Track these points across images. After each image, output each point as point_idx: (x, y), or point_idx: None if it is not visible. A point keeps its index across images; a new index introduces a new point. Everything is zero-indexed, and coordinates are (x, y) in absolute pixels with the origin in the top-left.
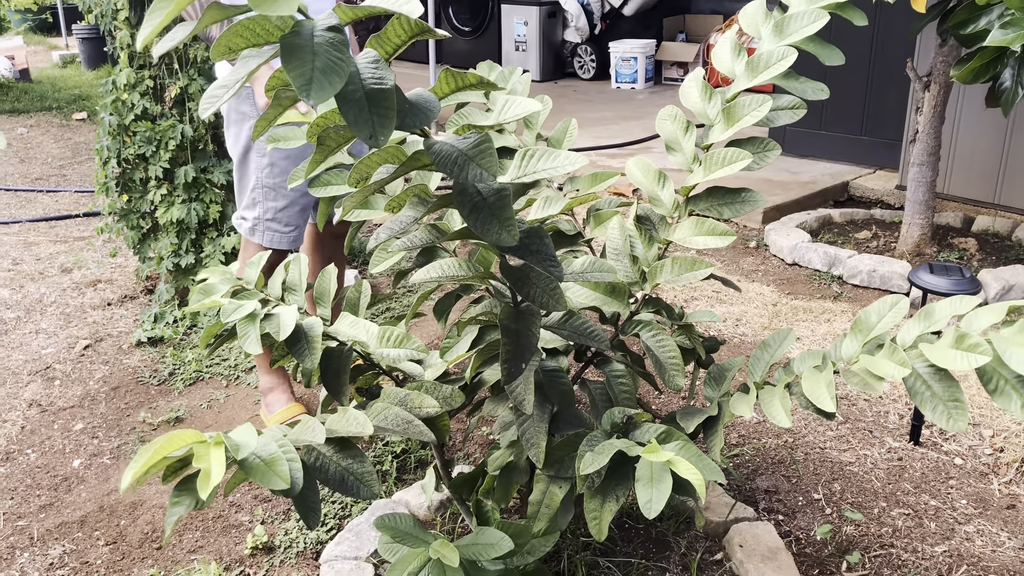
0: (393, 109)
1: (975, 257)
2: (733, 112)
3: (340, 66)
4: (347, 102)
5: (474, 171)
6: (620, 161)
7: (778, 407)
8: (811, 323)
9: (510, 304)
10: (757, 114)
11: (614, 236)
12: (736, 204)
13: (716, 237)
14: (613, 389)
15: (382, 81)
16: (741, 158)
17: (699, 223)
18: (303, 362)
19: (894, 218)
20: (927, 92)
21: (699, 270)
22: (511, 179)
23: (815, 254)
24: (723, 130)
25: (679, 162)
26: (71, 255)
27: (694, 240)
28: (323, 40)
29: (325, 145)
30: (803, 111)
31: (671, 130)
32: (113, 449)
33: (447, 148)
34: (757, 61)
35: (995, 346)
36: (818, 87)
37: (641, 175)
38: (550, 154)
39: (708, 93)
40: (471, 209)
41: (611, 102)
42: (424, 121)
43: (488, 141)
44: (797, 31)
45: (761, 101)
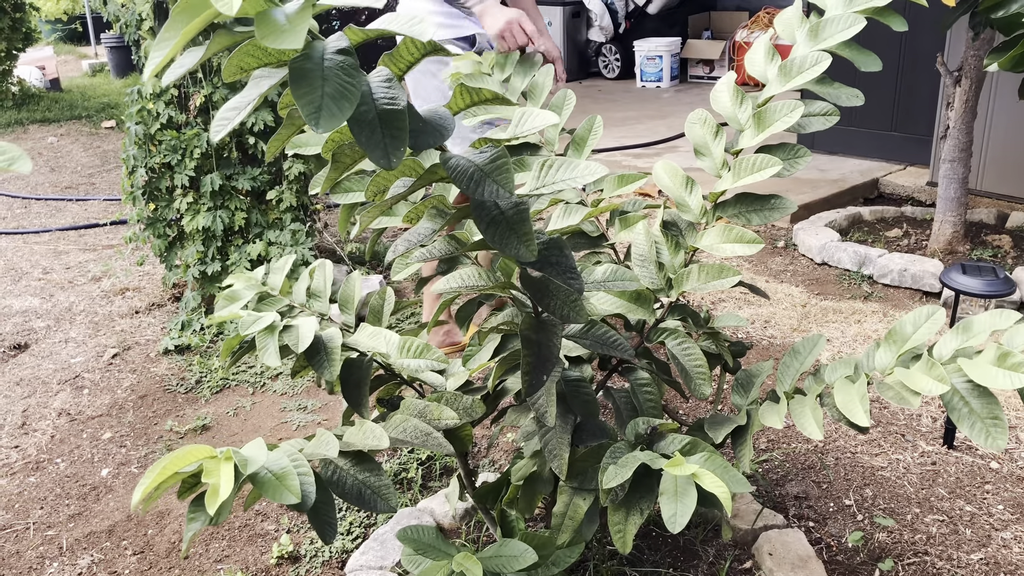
0: (406, 130)
1: (1009, 254)
2: (764, 117)
3: (351, 91)
4: (359, 124)
5: (490, 187)
6: (646, 161)
7: (809, 418)
8: (841, 324)
9: (531, 314)
10: (788, 120)
11: (640, 242)
12: (765, 211)
13: (744, 245)
14: (638, 397)
15: (394, 101)
16: (771, 165)
17: (727, 230)
18: (322, 374)
19: (925, 215)
20: (958, 87)
21: (727, 278)
22: (529, 190)
23: (845, 253)
24: (753, 135)
25: (708, 167)
26: (100, 263)
27: (722, 247)
28: (333, 64)
29: (340, 162)
30: (836, 118)
31: (700, 134)
32: (141, 458)
33: (464, 163)
34: (790, 66)
35: None
36: (852, 93)
37: (669, 179)
38: (569, 164)
39: (739, 97)
40: (489, 223)
41: (636, 101)
42: (438, 140)
43: (504, 157)
44: (832, 36)
45: (793, 107)
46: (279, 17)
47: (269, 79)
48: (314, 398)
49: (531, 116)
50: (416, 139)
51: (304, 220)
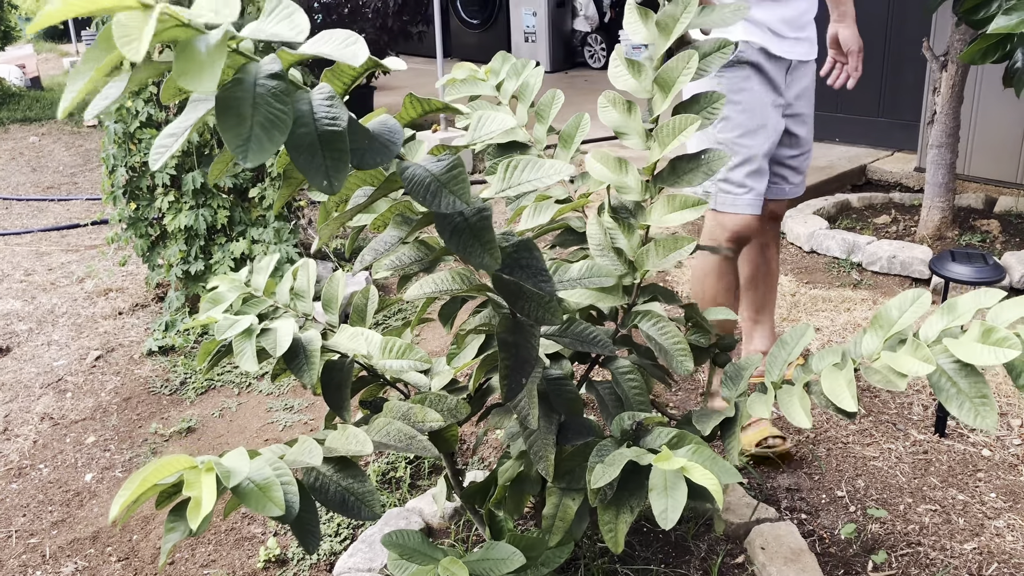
0: (347, 152)
1: (998, 239)
2: (665, 79)
3: (282, 119)
4: (297, 148)
5: (447, 199)
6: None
7: (797, 407)
8: (830, 313)
9: (508, 316)
10: (688, 71)
11: (594, 232)
12: (702, 168)
13: (690, 209)
14: (622, 387)
15: (335, 121)
16: (689, 123)
17: (670, 200)
18: (302, 378)
19: (914, 201)
20: (944, 72)
21: (683, 247)
22: (495, 192)
23: (833, 241)
24: (663, 100)
25: (633, 144)
26: (83, 264)
27: (670, 218)
28: (265, 91)
29: (292, 179)
30: (731, 47)
31: (614, 116)
32: (125, 462)
33: (420, 173)
34: (664, 19)
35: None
36: (733, 7)
37: (602, 167)
38: (535, 164)
39: (636, 68)
40: (452, 232)
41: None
42: (386, 158)
43: (460, 166)
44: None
45: (688, 57)
46: (200, 48)
47: (207, 103)
48: (300, 398)
49: (488, 120)
50: (361, 158)
51: (288, 217)
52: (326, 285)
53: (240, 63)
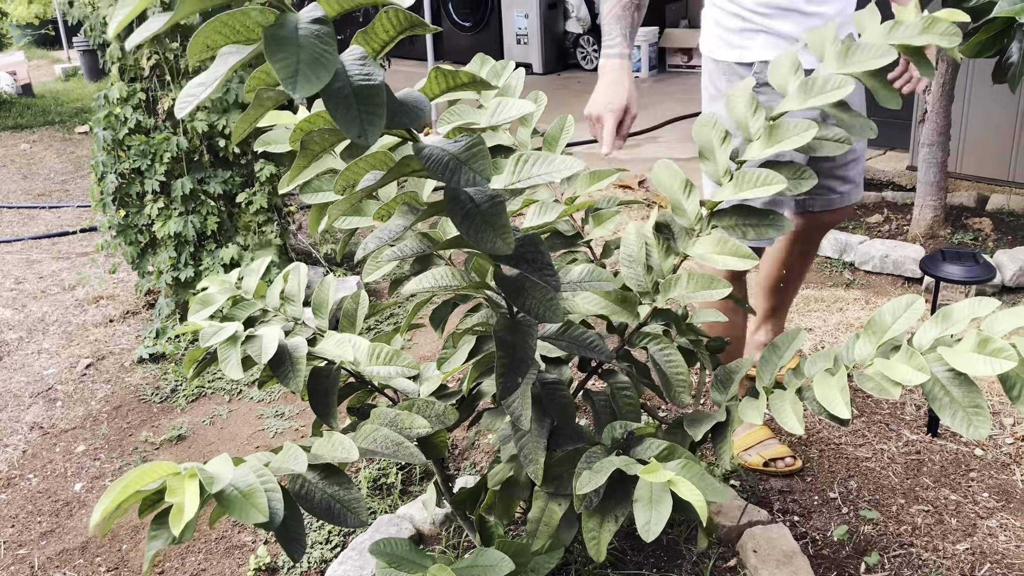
0: (383, 106)
1: (990, 237)
2: (776, 132)
3: (327, 59)
4: (334, 99)
5: (467, 175)
6: (626, 152)
7: (790, 413)
8: (823, 313)
9: (506, 315)
10: (800, 139)
11: (631, 242)
12: (762, 227)
13: (739, 259)
14: (617, 401)
15: (370, 77)
16: (776, 182)
17: (722, 241)
18: (287, 385)
19: (906, 200)
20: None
21: (716, 289)
22: (505, 185)
23: (825, 241)
24: (762, 147)
25: (710, 172)
26: (73, 272)
27: (714, 258)
28: (308, 32)
29: (309, 150)
30: (848, 145)
31: (708, 137)
32: (115, 471)
33: (438, 152)
34: (812, 83)
35: (1019, 350)
36: (867, 124)
37: (668, 180)
38: (545, 158)
39: (754, 106)
40: (464, 216)
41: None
42: (414, 120)
43: (481, 144)
44: (862, 62)
45: (807, 126)
46: None
47: (237, 55)
48: (291, 404)
49: (508, 106)
50: (392, 118)
51: (277, 222)
52: (316, 290)
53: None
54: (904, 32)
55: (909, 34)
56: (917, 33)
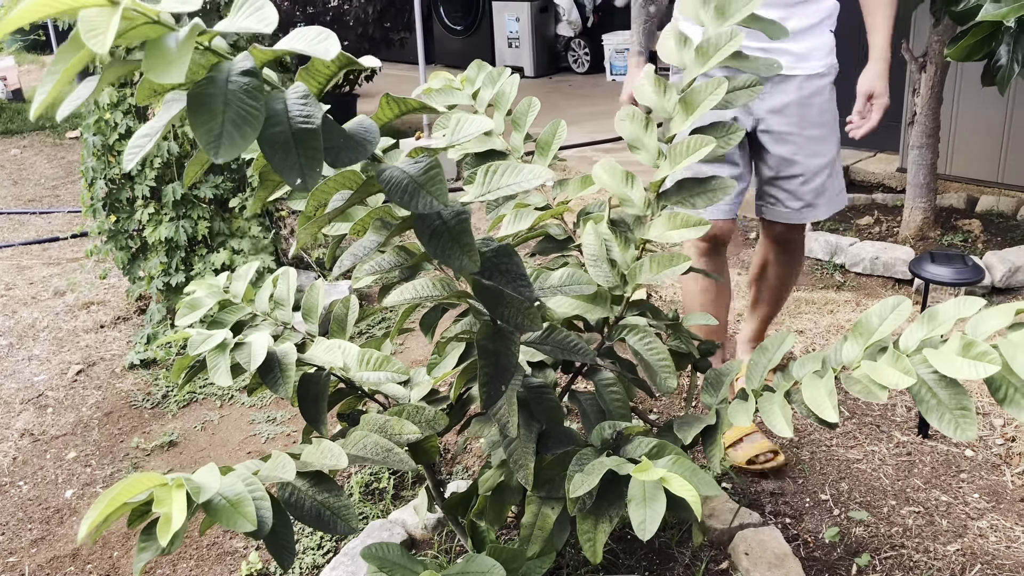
0: (320, 150)
1: (980, 239)
2: (690, 100)
3: (254, 115)
4: (271, 145)
5: (424, 199)
6: (617, 156)
7: (778, 416)
8: (814, 315)
9: (488, 323)
10: (714, 98)
11: (590, 241)
12: (707, 193)
13: (691, 228)
14: (604, 399)
15: (310, 120)
16: (705, 144)
17: (672, 217)
18: (276, 392)
19: (896, 202)
20: (923, 73)
21: (678, 265)
22: (474, 197)
23: (816, 243)
24: (683, 120)
25: (645, 159)
26: (64, 277)
27: (669, 235)
28: (238, 87)
29: (269, 181)
30: (761, 87)
31: (631, 129)
32: (106, 477)
33: (397, 175)
34: (706, 47)
35: (1003, 353)
36: (769, 63)
37: (608, 177)
38: (514, 169)
39: (662, 86)
40: (431, 235)
41: (606, 96)
42: (362, 155)
43: (437, 167)
44: (738, 11)
45: (717, 83)
46: (170, 44)
47: (180, 102)
48: (282, 410)
49: (466, 123)
50: (336, 156)
51: (269, 227)
52: (306, 294)
53: (213, 62)
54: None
55: None
56: None
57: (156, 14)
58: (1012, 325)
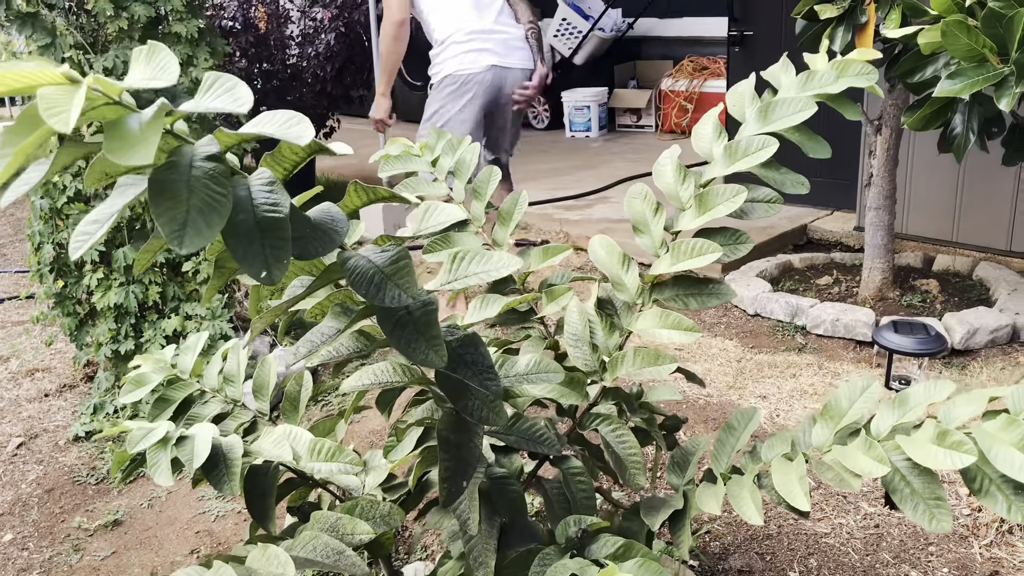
0: (288, 240)
1: (938, 299)
2: (706, 199)
3: (221, 203)
4: (235, 235)
5: (392, 292)
6: (577, 213)
7: (748, 502)
8: (776, 379)
9: (451, 412)
10: (731, 204)
11: (574, 320)
12: (703, 296)
13: (682, 332)
14: (571, 488)
15: (277, 208)
16: (711, 250)
17: (664, 315)
18: (220, 490)
19: (854, 261)
20: (879, 136)
21: (663, 365)
22: (440, 284)
23: (777, 304)
24: (694, 217)
25: (646, 245)
26: (7, 342)
27: (658, 332)
28: (202, 172)
29: (224, 268)
30: (780, 205)
31: (640, 210)
32: (44, 562)
33: (363, 264)
34: (736, 147)
35: (979, 443)
36: (798, 180)
37: (605, 256)
38: (483, 257)
39: (682, 175)
40: (395, 325)
41: (566, 152)
42: (330, 247)
43: (406, 257)
44: (783, 118)
45: (736, 191)
46: (133, 126)
47: (136, 187)
48: None
49: (435, 211)
50: (303, 247)
51: (222, 291)
52: (258, 369)
53: (173, 146)
54: (821, 81)
55: (826, 82)
56: (833, 80)
57: (118, 92)
58: (986, 413)
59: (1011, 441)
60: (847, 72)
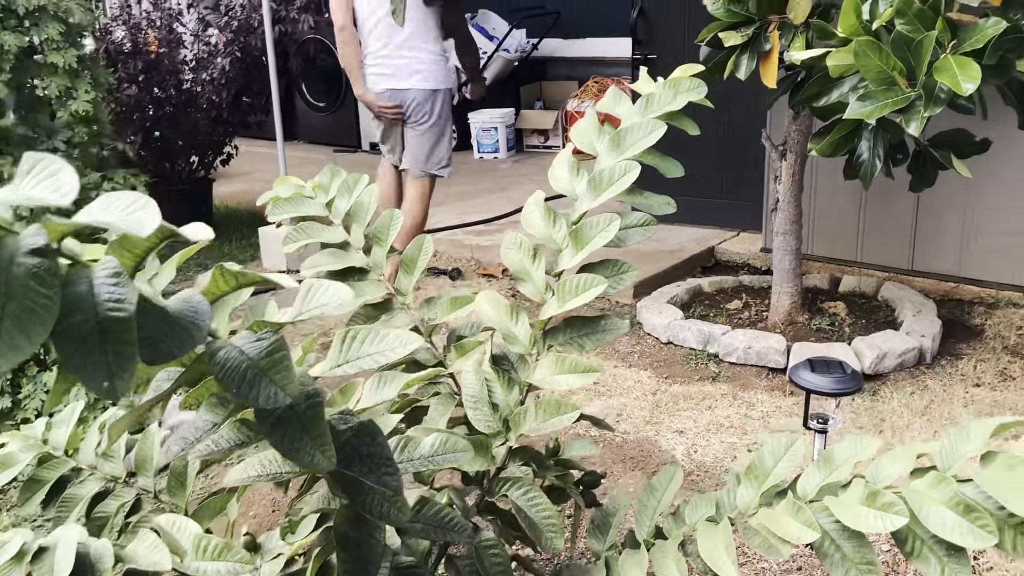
0: (134, 344)
1: (846, 322)
2: (581, 235)
3: (46, 308)
4: (70, 341)
5: (267, 390)
6: (488, 238)
7: (673, 570)
8: (692, 412)
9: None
10: (606, 235)
11: (470, 382)
12: (597, 334)
13: (579, 375)
14: (484, 564)
15: (122, 305)
16: (596, 284)
17: (560, 361)
18: None
19: (762, 283)
20: (784, 161)
21: (566, 414)
22: (329, 368)
23: (689, 332)
24: (572, 255)
25: (531, 292)
26: None
27: (556, 380)
28: (24, 271)
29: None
30: (654, 227)
31: (518, 259)
32: None
33: (234, 357)
34: (599, 179)
35: (909, 502)
36: (664, 201)
37: (493, 312)
38: (377, 336)
39: (552, 217)
40: (275, 423)
41: (474, 174)
42: (187, 346)
43: (283, 349)
44: (636, 143)
45: (609, 220)
46: None
47: None
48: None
49: (320, 291)
50: (155, 349)
51: None
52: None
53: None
54: (660, 102)
55: (665, 102)
56: (672, 99)
57: None
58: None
59: (942, 500)
60: (680, 89)
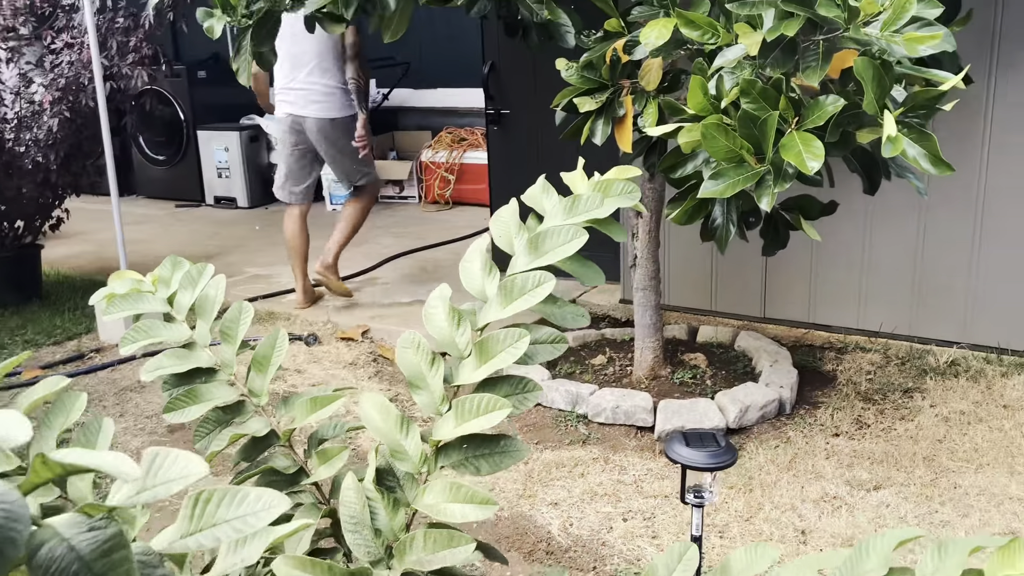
0: None
1: (707, 374)
2: (487, 347)
3: None
4: None
5: None
6: (342, 300)
7: None
8: (566, 480)
9: None
10: (515, 352)
11: (351, 501)
12: (495, 456)
13: (476, 506)
14: None
15: None
16: (499, 407)
17: (455, 489)
18: None
19: (624, 336)
20: (640, 218)
21: (459, 546)
22: (179, 538)
23: (557, 393)
24: (475, 367)
25: (425, 403)
26: None
27: (450, 509)
28: None
29: None
30: (565, 344)
31: (414, 363)
32: None
33: (60, 555)
34: (511, 286)
35: None
36: (577, 312)
37: (379, 420)
38: (235, 497)
39: (456, 318)
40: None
41: (328, 227)
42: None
43: (122, 545)
44: (554, 249)
45: (518, 336)
46: None
47: None
48: None
49: (167, 464)
50: None
51: None
52: None
53: None
54: (587, 205)
55: (592, 206)
56: (599, 203)
57: None
58: None
59: None
60: (611, 192)
